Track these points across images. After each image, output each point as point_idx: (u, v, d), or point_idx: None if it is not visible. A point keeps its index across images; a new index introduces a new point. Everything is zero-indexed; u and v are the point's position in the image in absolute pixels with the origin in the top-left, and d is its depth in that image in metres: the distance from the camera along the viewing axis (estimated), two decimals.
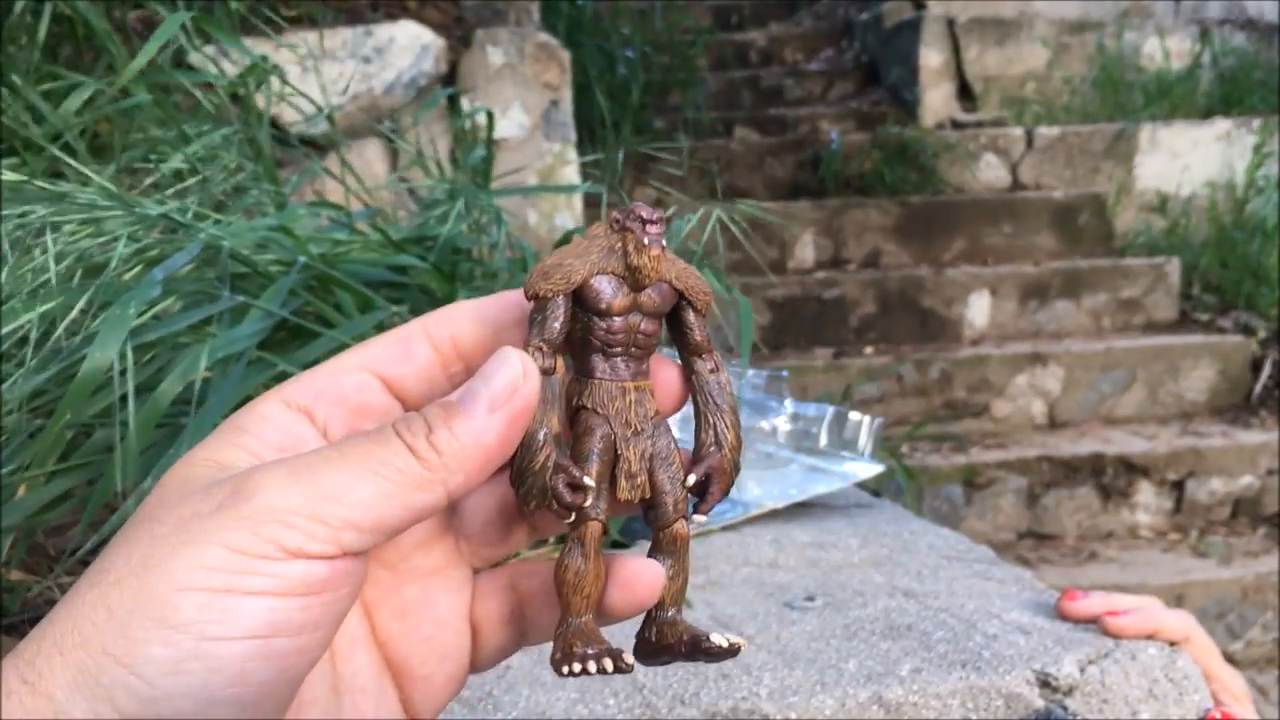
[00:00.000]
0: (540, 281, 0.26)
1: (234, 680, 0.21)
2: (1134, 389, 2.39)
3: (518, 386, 0.24)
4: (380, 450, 0.23)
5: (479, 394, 0.24)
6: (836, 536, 0.81)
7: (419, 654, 0.27)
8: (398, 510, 0.23)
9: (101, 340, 0.53)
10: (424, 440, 0.23)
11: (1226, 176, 2.91)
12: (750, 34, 3.91)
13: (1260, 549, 2.03)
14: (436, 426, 0.24)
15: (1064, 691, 0.55)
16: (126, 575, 0.22)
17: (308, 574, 0.22)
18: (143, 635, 0.21)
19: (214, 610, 0.21)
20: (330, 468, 0.23)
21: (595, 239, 0.27)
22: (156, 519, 0.23)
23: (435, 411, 0.24)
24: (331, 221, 0.81)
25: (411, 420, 0.24)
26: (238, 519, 0.22)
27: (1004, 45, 3.23)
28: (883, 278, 2.59)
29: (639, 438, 0.26)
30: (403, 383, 0.27)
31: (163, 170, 0.83)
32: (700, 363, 0.28)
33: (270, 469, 0.23)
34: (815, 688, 0.54)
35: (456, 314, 0.27)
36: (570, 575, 0.26)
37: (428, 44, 1.60)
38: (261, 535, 0.21)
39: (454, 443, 0.24)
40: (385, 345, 0.27)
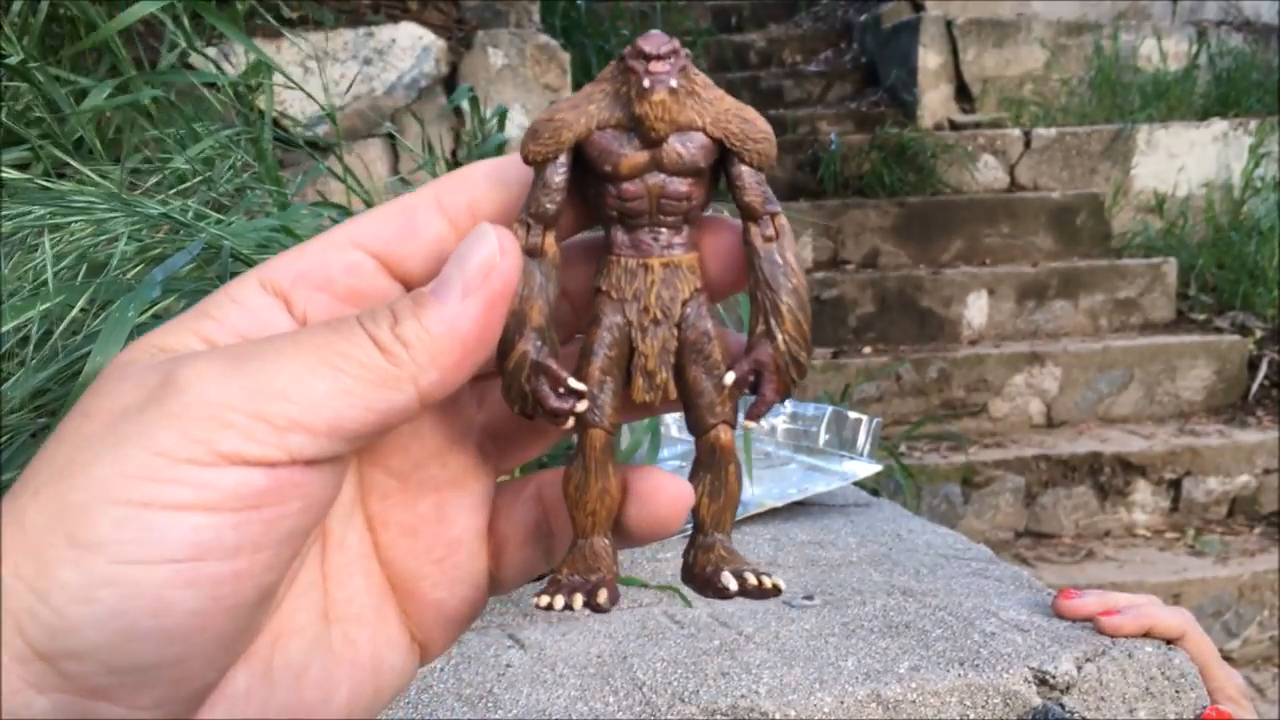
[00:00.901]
0: (528, 142, 0.22)
1: (154, 610, 0.18)
2: (1131, 388, 2.39)
3: (494, 265, 0.21)
4: (339, 341, 0.20)
5: (451, 278, 0.21)
6: (835, 535, 0.82)
7: (430, 576, 0.23)
8: (358, 411, 0.19)
9: (103, 341, 0.53)
10: (388, 331, 0.20)
11: (1223, 177, 2.92)
12: (749, 35, 3.92)
13: (1257, 547, 2.04)
14: (403, 317, 0.20)
15: (1061, 689, 0.56)
16: (46, 484, 0.18)
17: (242, 484, 0.18)
18: (53, 555, 0.18)
19: (130, 527, 0.18)
20: (280, 358, 0.19)
21: (598, 84, 0.22)
22: (86, 414, 0.19)
23: (404, 302, 0.21)
24: (333, 222, 0.81)
25: (377, 311, 0.20)
26: (164, 415, 0.18)
27: (1002, 46, 3.23)
28: (881, 278, 2.60)
29: (659, 326, 0.22)
30: (407, 263, 0.22)
31: (165, 170, 0.83)
32: (754, 229, 0.22)
33: (208, 356, 0.19)
34: (814, 686, 0.54)
35: (472, 175, 0.23)
36: (571, 489, 0.22)
37: (428, 45, 1.60)
38: (190, 435, 0.18)
39: (423, 334, 0.20)
40: (385, 217, 0.23)
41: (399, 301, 0.21)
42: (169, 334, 0.21)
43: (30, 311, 0.59)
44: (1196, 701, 0.56)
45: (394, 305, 0.21)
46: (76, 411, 0.20)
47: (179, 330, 0.21)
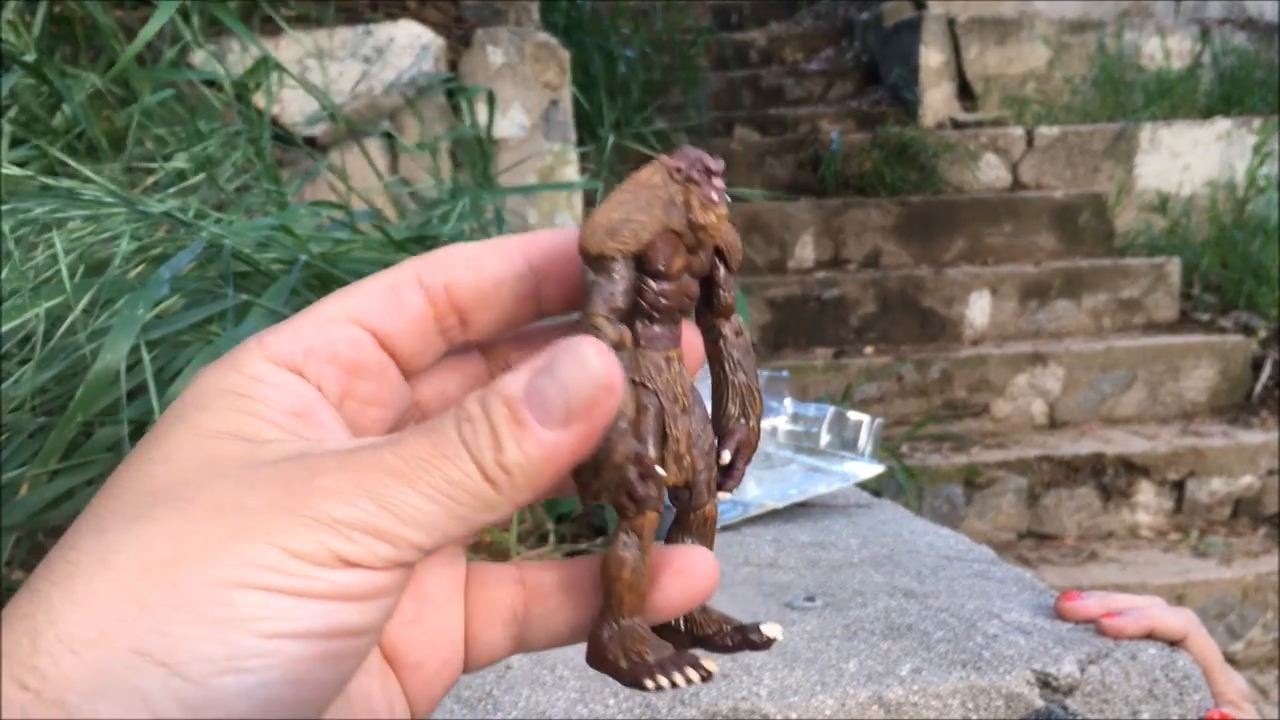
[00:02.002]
0: (607, 239, 0.23)
1: (292, 680, 0.19)
2: (1134, 389, 2.39)
3: (599, 401, 0.21)
4: (448, 469, 0.21)
5: (553, 401, 0.21)
6: (836, 536, 0.81)
7: (405, 638, 0.25)
8: (462, 530, 0.21)
9: (112, 340, 0.53)
10: (492, 459, 0.21)
11: (1227, 176, 2.91)
12: (750, 33, 3.91)
13: (1261, 549, 2.03)
14: (505, 443, 0.21)
15: (1064, 691, 0.56)
16: (154, 565, 0.19)
17: (369, 582, 0.20)
18: (188, 632, 0.19)
19: (275, 608, 0.19)
20: (396, 481, 0.20)
21: (651, 189, 0.23)
22: (185, 500, 0.20)
23: (502, 419, 0.21)
24: (332, 221, 0.81)
25: (478, 427, 0.21)
26: (295, 520, 0.20)
27: (1004, 45, 3.23)
28: (883, 277, 2.59)
29: (686, 415, 0.24)
30: (395, 339, 0.24)
31: (165, 169, 0.83)
32: (726, 325, 0.25)
33: (327, 469, 0.20)
34: (815, 688, 0.54)
35: (451, 260, 0.25)
36: (628, 573, 0.23)
37: (427, 44, 1.60)
38: (324, 544, 0.20)
39: (523, 462, 0.21)
40: (375, 294, 0.24)
41: (496, 411, 0.21)
42: (224, 419, 0.22)
43: (32, 310, 0.58)
44: (1200, 704, 0.56)
45: (493, 419, 0.21)
46: (161, 494, 0.20)
47: (230, 414, 0.22)
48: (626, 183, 0.23)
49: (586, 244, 0.23)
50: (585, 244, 0.23)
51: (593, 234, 0.23)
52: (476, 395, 0.21)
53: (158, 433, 0.22)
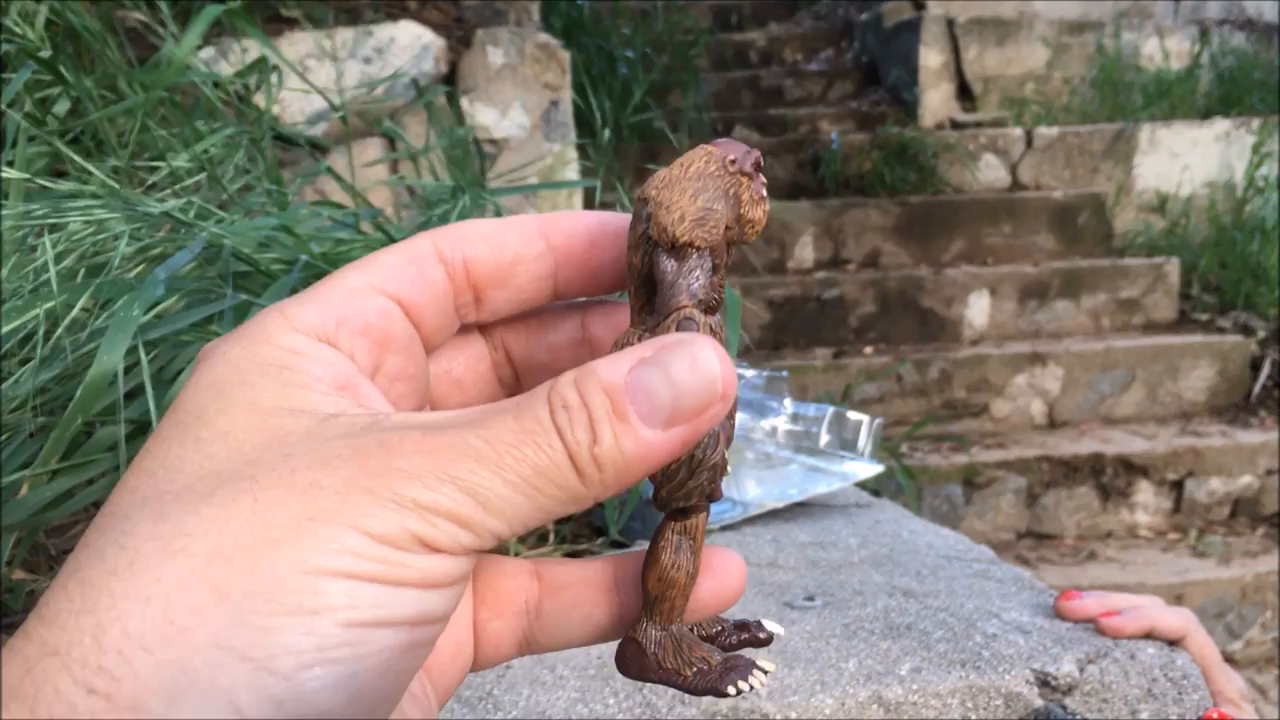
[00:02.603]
0: (695, 229, 0.22)
1: (380, 670, 0.18)
2: (1133, 389, 2.39)
3: (711, 408, 0.20)
4: (536, 455, 0.19)
5: (659, 400, 0.19)
6: (836, 536, 0.81)
7: None
8: (540, 520, 0.20)
9: (109, 340, 0.53)
10: (588, 450, 0.19)
11: (1226, 176, 2.92)
12: (750, 34, 3.91)
13: (1259, 549, 2.04)
14: (603, 435, 0.19)
15: (1063, 691, 0.56)
16: (229, 551, 0.18)
17: (452, 567, 0.19)
18: (273, 623, 0.17)
19: (363, 595, 0.18)
20: (480, 465, 0.19)
21: (713, 178, 0.22)
22: (253, 479, 0.19)
23: (602, 410, 0.19)
24: (333, 221, 0.81)
25: (574, 415, 0.19)
26: (376, 502, 0.18)
27: (1003, 45, 3.23)
28: (882, 278, 2.59)
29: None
30: (421, 312, 0.23)
31: (165, 169, 0.83)
32: (714, 321, 0.24)
33: (404, 449, 0.19)
34: (815, 687, 0.54)
35: (471, 234, 0.24)
36: (683, 576, 0.22)
37: (428, 44, 1.60)
38: (407, 528, 0.18)
39: (618, 457, 0.19)
40: (399, 266, 0.23)
41: (595, 399, 0.20)
42: (275, 393, 0.20)
43: (32, 311, 0.59)
44: (1199, 703, 0.56)
45: (591, 408, 0.20)
46: (227, 475, 0.19)
47: (279, 387, 0.20)
48: (681, 168, 0.22)
49: (676, 231, 0.22)
50: (675, 231, 0.22)
51: (681, 222, 0.22)
52: (571, 379, 0.20)
53: (200, 411, 0.20)
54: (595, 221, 0.24)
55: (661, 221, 0.22)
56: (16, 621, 0.60)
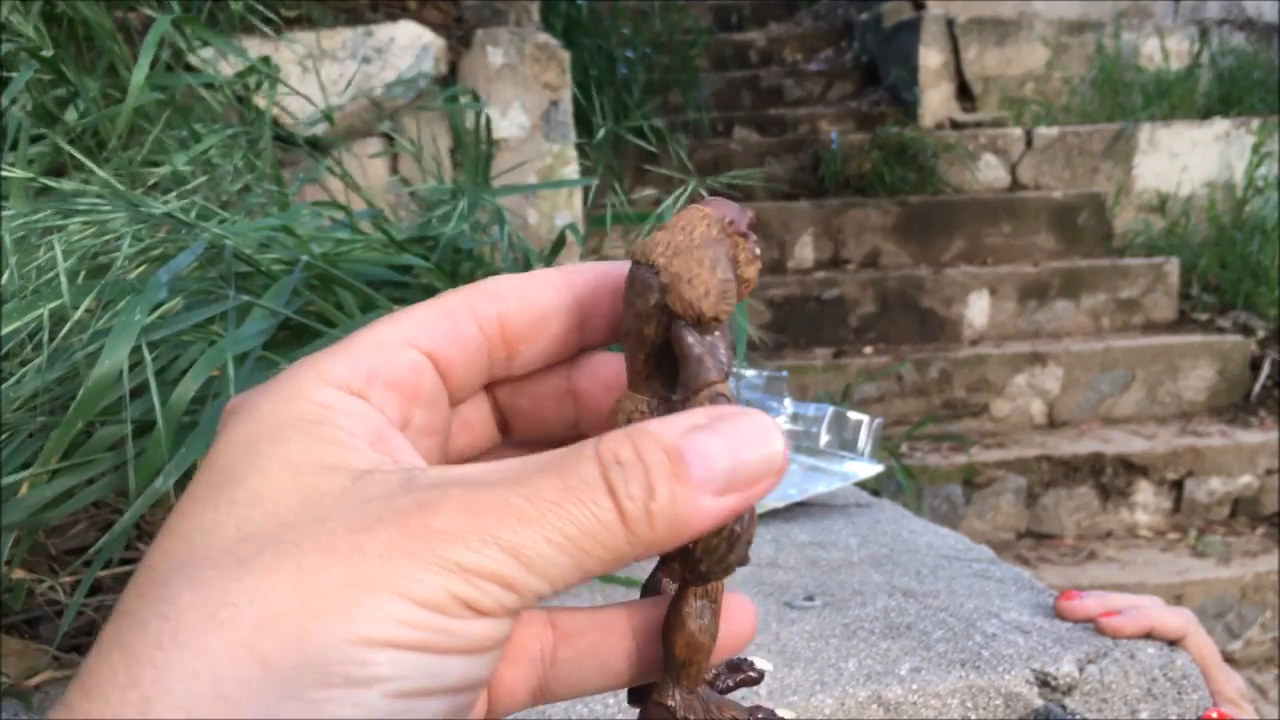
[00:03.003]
0: (720, 303, 0.22)
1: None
2: (1133, 389, 2.39)
3: (764, 481, 0.20)
4: (581, 514, 0.19)
5: (717, 466, 0.19)
6: (836, 536, 0.81)
7: None
8: (580, 579, 0.19)
9: (113, 342, 0.53)
10: (643, 508, 0.19)
11: (1225, 176, 2.92)
12: (750, 34, 3.92)
13: (1259, 548, 2.04)
14: (659, 491, 0.19)
15: (1063, 691, 0.56)
16: (275, 620, 0.18)
17: (494, 630, 0.19)
18: (323, 696, 0.17)
19: (410, 665, 0.18)
20: (523, 525, 0.19)
21: (716, 243, 0.22)
22: (292, 544, 0.18)
23: (660, 468, 0.19)
24: (334, 221, 0.81)
25: (630, 472, 0.19)
26: (419, 566, 0.18)
27: (1003, 45, 3.23)
28: (882, 277, 2.60)
29: None
30: (452, 367, 0.23)
31: (167, 169, 0.83)
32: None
33: (444, 508, 0.19)
34: (814, 687, 0.54)
35: (503, 291, 0.24)
36: (709, 640, 0.22)
37: (428, 44, 1.60)
38: (451, 592, 0.18)
39: (673, 514, 0.19)
40: (431, 320, 0.23)
41: (653, 460, 0.19)
42: (307, 448, 0.20)
43: (34, 313, 0.59)
44: (1199, 703, 0.56)
45: (650, 467, 0.19)
46: (268, 538, 0.19)
47: (312, 442, 0.20)
48: (685, 234, 0.22)
49: (703, 308, 0.21)
50: (702, 308, 0.21)
51: (707, 297, 0.21)
52: (623, 436, 0.20)
53: (232, 470, 0.20)
54: (616, 272, 0.24)
55: (687, 297, 0.21)
56: (15, 622, 0.60)
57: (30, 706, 0.52)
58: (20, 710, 0.52)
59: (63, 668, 0.57)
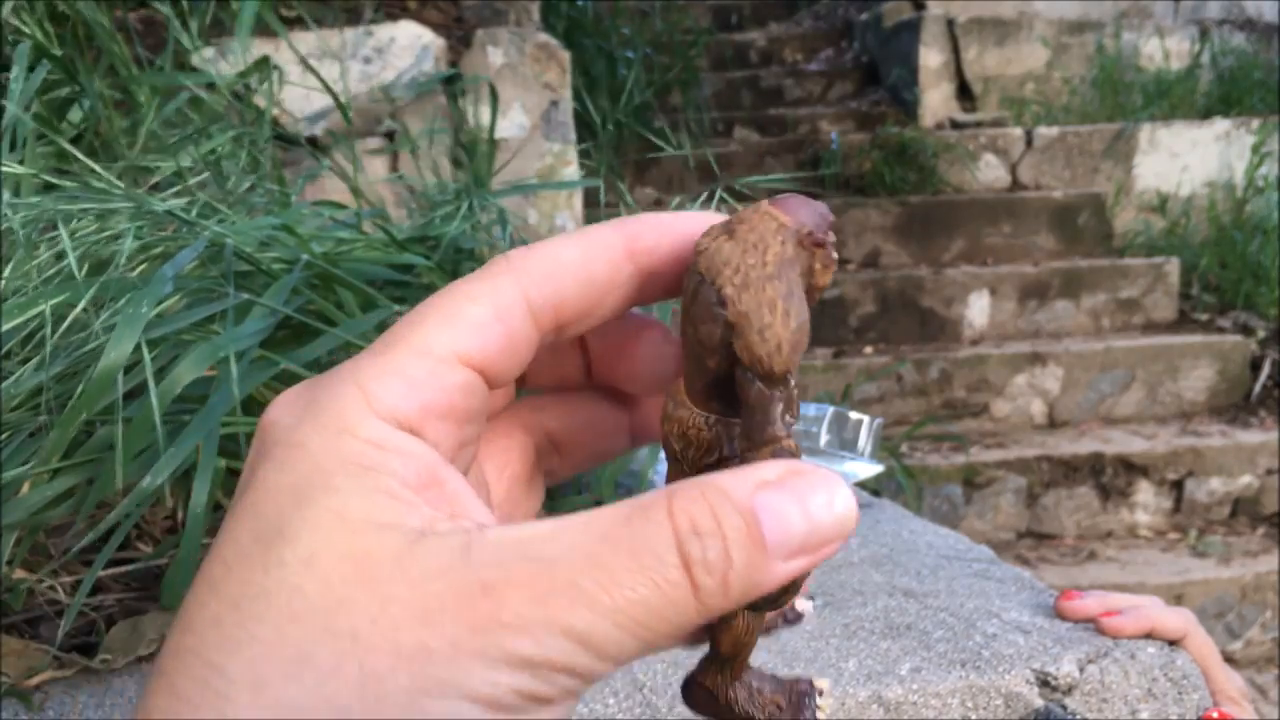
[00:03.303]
0: (793, 355, 0.20)
1: None
2: (1133, 389, 2.39)
3: (834, 545, 0.19)
4: (656, 598, 0.18)
5: (792, 531, 0.19)
6: None
7: None
8: (645, 654, 0.19)
9: (117, 337, 0.53)
10: (719, 580, 0.18)
11: (1226, 176, 2.92)
12: (750, 34, 3.92)
13: (1259, 548, 2.04)
14: (738, 560, 0.18)
15: (1063, 691, 0.56)
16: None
17: (558, 712, 0.19)
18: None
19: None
20: (594, 611, 0.18)
21: (790, 264, 0.20)
22: (353, 639, 0.17)
23: (737, 534, 0.18)
24: (334, 221, 0.81)
25: (708, 543, 0.18)
26: (488, 665, 0.17)
27: (1003, 45, 3.23)
28: (882, 277, 2.60)
29: None
30: (502, 375, 0.21)
31: (168, 169, 0.83)
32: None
33: (507, 591, 0.18)
34: None
35: (561, 274, 0.21)
36: (753, 638, 0.22)
37: (428, 44, 1.60)
38: (517, 689, 0.18)
39: (749, 586, 0.19)
40: (485, 325, 0.21)
41: (732, 529, 0.18)
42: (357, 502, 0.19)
43: (36, 309, 0.59)
44: (1199, 703, 0.56)
45: (728, 534, 0.18)
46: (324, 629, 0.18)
47: (362, 493, 0.19)
48: (757, 253, 0.20)
49: (773, 365, 0.20)
50: (772, 365, 0.20)
51: (779, 353, 0.20)
52: (699, 497, 0.18)
53: (281, 523, 0.19)
54: (681, 236, 0.22)
55: (757, 352, 0.20)
56: (14, 622, 0.60)
57: (30, 706, 0.52)
58: (20, 710, 0.52)
59: (63, 668, 0.57)
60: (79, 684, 0.55)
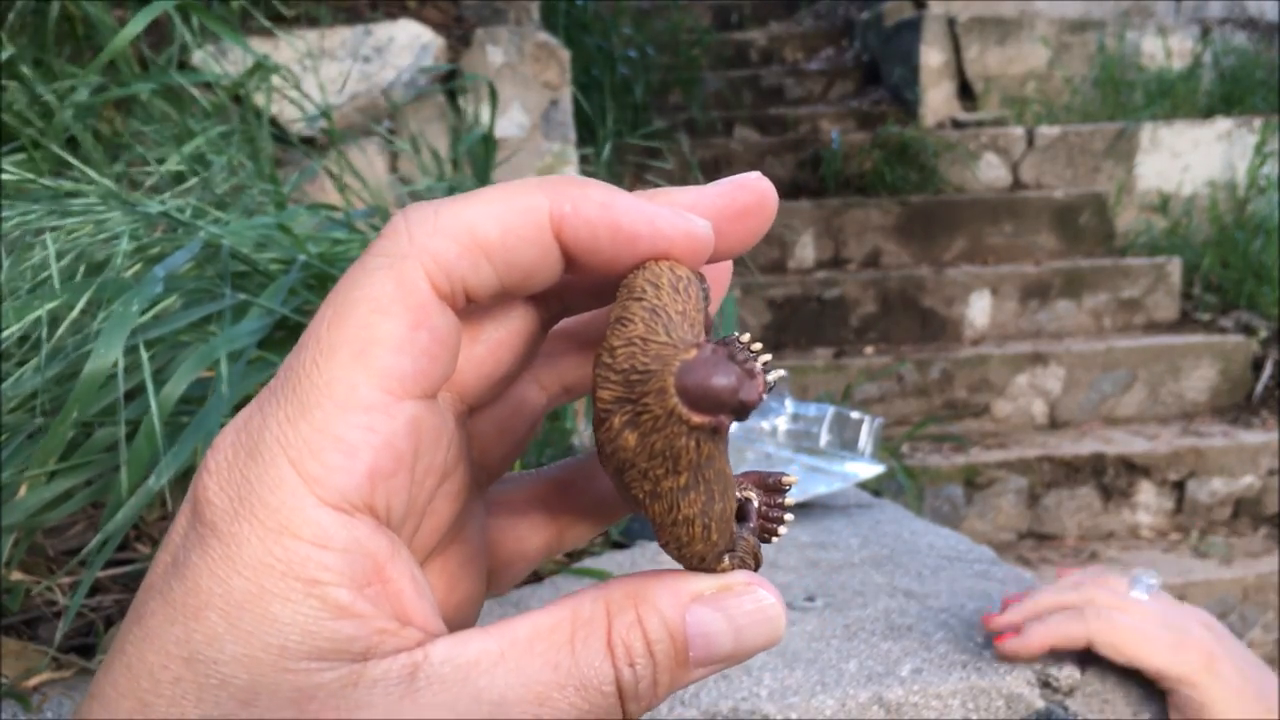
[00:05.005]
0: (721, 540, 0.20)
1: None
2: (1135, 389, 2.38)
3: (759, 650, 0.20)
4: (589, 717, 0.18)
5: (718, 647, 0.19)
6: (837, 537, 0.81)
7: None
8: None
9: (105, 339, 0.53)
10: (647, 700, 0.19)
11: (1228, 176, 2.91)
12: (750, 33, 3.91)
13: (1261, 549, 2.03)
14: (661, 682, 0.19)
15: (1065, 692, 0.55)
16: None
17: None
18: None
19: None
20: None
21: (700, 468, 0.18)
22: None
23: (666, 659, 0.19)
24: (330, 220, 0.81)
25: (640, 671, 0.18)
26: None
27: (1005, 45, 3.22)
28: (883, 277, 2.59)
29: None
30: (440, 385, 0.20)
31: (163, 170, 0.83)
32: None
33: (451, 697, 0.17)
34: (815, 688, 0.54)
35: (472, 248, 0.19)
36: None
37: (427, 43, 1.60)
38: None
39: (664, 693, 0.19)
40: (407, 342, 0.18)
41: (661, 651, 0.19)
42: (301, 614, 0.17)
43: (32, 313, 0.58)
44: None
45: (658, 659, 0.19)
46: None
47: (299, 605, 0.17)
48: (670, 461, 0.18)
49: (696, 567, 0.20)
50: (695, 567, 0.20)
51: (702, 561, 0.20)
52: (634, 622, 0.19)
53: (215, 652, 0.17)
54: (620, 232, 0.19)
55: (676, 558, 0.20)
56: (14, 623, 0.60)
57: (29, 707, 0.52)
58: (19, 711, 0.52)
59: (61, 669, 0.56)
60: (77, 685, 0.55)
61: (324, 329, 0.18)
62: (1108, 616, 0.53)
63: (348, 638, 0.17)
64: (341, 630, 0.17)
